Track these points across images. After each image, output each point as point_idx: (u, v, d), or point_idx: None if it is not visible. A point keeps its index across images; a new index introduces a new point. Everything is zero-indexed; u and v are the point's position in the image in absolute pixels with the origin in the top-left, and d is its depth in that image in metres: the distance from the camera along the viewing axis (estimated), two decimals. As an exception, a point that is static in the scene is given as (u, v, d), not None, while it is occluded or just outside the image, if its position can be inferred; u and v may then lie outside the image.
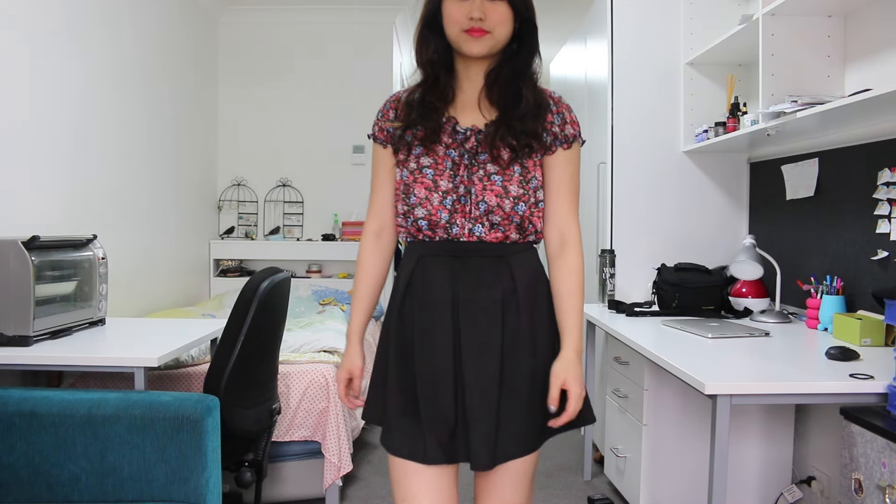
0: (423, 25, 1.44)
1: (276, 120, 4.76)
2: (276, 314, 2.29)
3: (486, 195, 1.39)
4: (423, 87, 1.45)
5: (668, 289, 2.82)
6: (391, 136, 1.48)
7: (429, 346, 1.40)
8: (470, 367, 1.38)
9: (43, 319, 2.12)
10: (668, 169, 3.14)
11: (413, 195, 1.42)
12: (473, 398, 1.37)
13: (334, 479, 2.64)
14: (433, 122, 1.43)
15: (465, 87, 1.46)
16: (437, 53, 1.43)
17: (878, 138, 2.22)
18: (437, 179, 1.41)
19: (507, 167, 1.40)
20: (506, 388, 1.39)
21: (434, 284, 1.42)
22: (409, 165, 1.43)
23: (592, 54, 3.48)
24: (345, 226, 4.71)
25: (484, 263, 1.42)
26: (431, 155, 1.43)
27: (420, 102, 1.44)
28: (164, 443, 1.78)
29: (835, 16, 2.36)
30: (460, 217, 1.40)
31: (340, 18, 4.75)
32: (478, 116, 1.44)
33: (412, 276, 1.45)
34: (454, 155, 1.42)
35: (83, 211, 2.92)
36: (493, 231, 1.40)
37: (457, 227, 1.40)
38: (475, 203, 1.40)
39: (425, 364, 1.40)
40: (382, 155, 1.51)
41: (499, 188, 1.39)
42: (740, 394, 1.71)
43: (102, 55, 3.07)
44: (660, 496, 2.45)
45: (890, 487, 1.48)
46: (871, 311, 2.20)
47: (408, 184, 1.43)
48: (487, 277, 1.41)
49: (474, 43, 1.38)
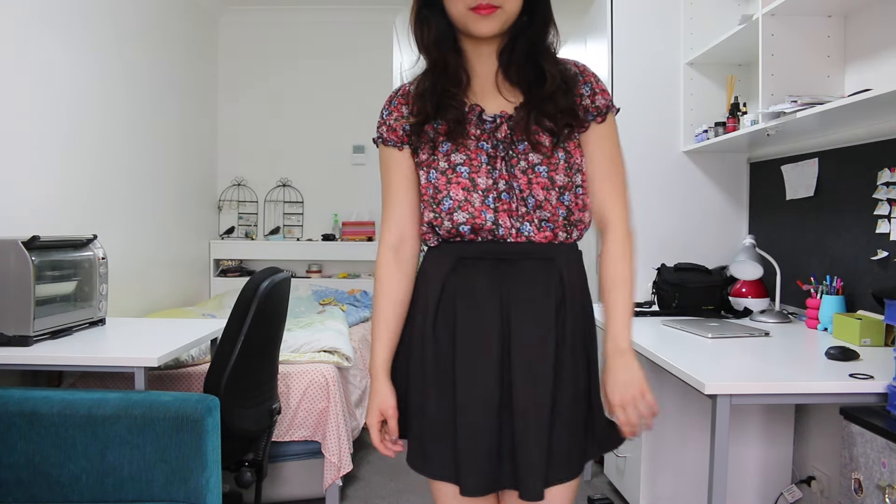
0: (422, 4, 1.30)
1: (276, 120, 4.77)
2: (276, 314, 2.29)
3: (532, 189, 1.22)
4: (433, 75, 1.27)
5: (668, 289, 2.82)
6: (407, 135, 1.29)
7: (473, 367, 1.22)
8: (520, 389, 1.21)
9: (43, 319, 2.12)
10: (668, 169, 3.14)
11: (449, 198, 1.23)
12: (527, 424, 1.20)
13: (334, 479, 2.64)
14: (456, 111, 1.24)
15: (479, 70, 1.29)
16: (439, 34, 1.27)
17: (878, 138, 2.22)
18: (473, 177, 1.23)
19: (552, 154, 1.23)
20: (557, 412, 1.23)
21: (478, 293, 1.23)
22: (438, 165, 1.25)
23: (592, 54, 3.48)
24: (345, 226, 4.72)
25: (535, 267, 1.24)
26: (462, 150, 1.24)
27: (434, 91, 1.25)
28: (164, 443, 1.78)
29: (835, 16, 2.36)
30: (505, 216, 1.23)
31: (340, 18, 4.75)
32: (502, 101, 1.27)
33: (445, 286, 1.25)
34: (487, 147, 1.24)
35: (83, 211, 2.91)
36: (542, 230, 1.24)
37: (502, 227, 1.23)
38: (521, 199, 1.23)
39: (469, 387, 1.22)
40: (397, 158, 1.30)
41: (545, 179, 1.22)
42: (740, 394, 1.71)
43: (102, 55, 3.07)
44: (660, 496, 2.45)
45: (890, 487, 1.48)
46: (871, 311, 2.20)
47: (438, 187, 1.25)
48: (539, 284, 1.24)
49: (483, 22, 1.21)
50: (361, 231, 4.71)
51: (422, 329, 1.27)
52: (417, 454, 1.28)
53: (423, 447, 1.27)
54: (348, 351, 2.99)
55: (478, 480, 1.21)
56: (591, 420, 1.28)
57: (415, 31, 1.32)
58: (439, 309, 1.26)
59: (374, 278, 1.34)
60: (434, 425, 1.25)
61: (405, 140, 1.29)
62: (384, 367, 1.30)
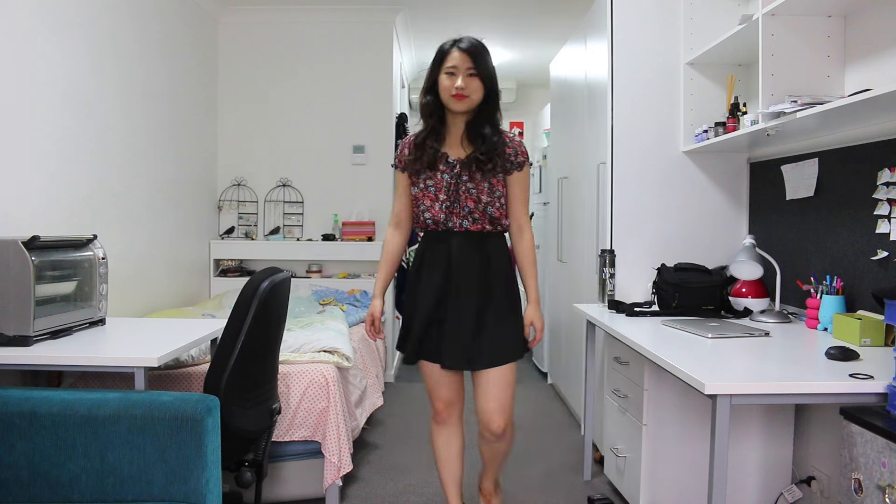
0: (426, 91, 2.20)
1: (276, 120, 4.77)
2: (276, 314, 2.29)
3: (467, 202, 2.18)
4: (426, 134, 2.21)
5: (668, 289, 2.82)
6: (407, 165, 2.25)
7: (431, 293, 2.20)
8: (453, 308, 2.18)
9: (43, 319, 2.12)
10: (668, 169, 3.14)
11: (423, 204, 2.22)
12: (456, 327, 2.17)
13: (334, 479, 2.64)
14: (432, 157, 2.20)
15: (453, 131, 2.23)
16: (434, 109, 2.19)
17: (878, 138, 2.22)
18: (437, 194, 2.20)
19: (479, 184, 2.18)
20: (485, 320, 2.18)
21: (438, 257, 2.22)
22: (419, 185, 2.22)
23: (592, 54, 3.48)
24: (345, 226, 4.71)
25: (469, 241, 2.20)
26: (433, 178, 2.21)
27: (423, 145, 2.21)
28: (164, 443, 1.78)
29: (835, 16, 2.36)
30: (454, 216, 2.19)
31: (340, 18, 4.75)
32: (460, 151, 2.21)
33: (425, 253, 2.26)
34: (447, 177, 2.19)
35: (83, 211, 2.92)
36: (474, 224, 2.19)
37: (451, 222, 2.19)
38: (461, 207, 2.18)
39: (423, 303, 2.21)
40: (401, 177, 2.30)
41: (474, 197, 2.18)
42: (740, 394, 1.71)
43: (102, 55, 3.07)
44: (660, 496, 2.45)
45: (890, 487, 1.48)
46: (871, 311, 2.20)
47: (418, 197, 2.23)
48: (471, 251, 2.20)
49: (458, 103, 2.14)
50: (361, 231, 4.71)
51: (411, 281, 2.30)
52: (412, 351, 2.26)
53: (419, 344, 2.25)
54: (348, 351, 2.99)
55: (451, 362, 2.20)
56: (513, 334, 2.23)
57: (421, 106, 2.24)
58: (419, 268, 2.27)
59: (384, 242, 2.37)
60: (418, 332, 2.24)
61: (405, 168, 2.27)
62: (381, 290, 2.33)
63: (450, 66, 2.13)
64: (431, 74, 2.18)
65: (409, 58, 6.03)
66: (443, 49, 2.17)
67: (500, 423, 2.21)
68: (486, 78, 2.15)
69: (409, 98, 6.81)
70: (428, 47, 5.80)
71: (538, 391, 4.61)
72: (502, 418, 2.21)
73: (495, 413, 2.20)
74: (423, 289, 2.22)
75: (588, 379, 3.03)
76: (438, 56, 2.17)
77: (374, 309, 2.29)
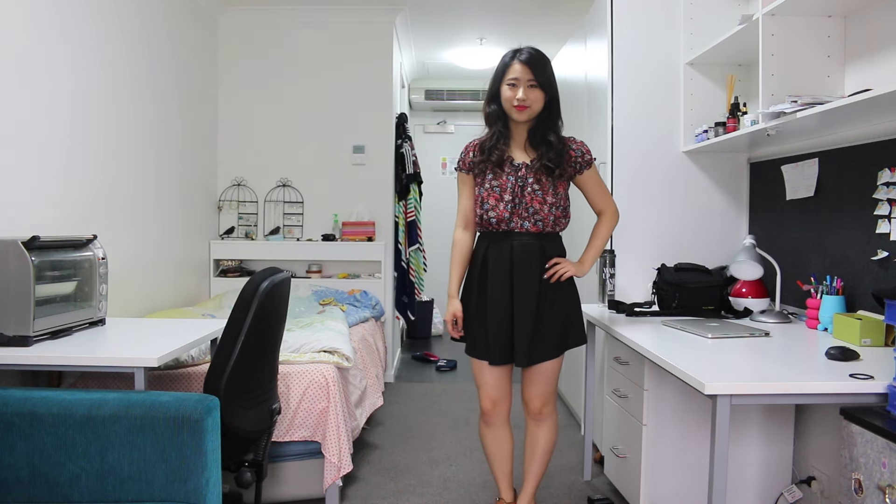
0: (489, 101, 2.35)
1: (276, 120, 4.76)
2: (276, 314, 2.29)
3: (532, 203, 2.29)
4: (492, 138, 2.34)
5: (668, 289, 2.82)
6: (472, 167, 2.37)
7: (495, 293, 2.31)
8: (518, 305, 2.28)
9: (43, 319, 2.12)
10: (668, 169, 3.14)
11: (487, 203, 2.32)
12: (520, 325, 2.28)
13: (334, 479, 2.64)
14: (500, 158, 2.32)
15: (516, 137, 2.36)
16: (498, 116, 2.33)
17: (878, 138, 2.22)
18: (502, 194, 2.30)
19: (545, 186, 2.29)
20: (539, 319, 2.30)
21: (500, 256, 2.31)
22: (484, 185, 2.34)
23: (592, 54, 3.48)
24: (345, 226, 4.71)
25: (530, 242, 2.30)
26: (498, 178, 2.32)
27: (492, 147, 2.33)
28: (164, 443, 1.78)
29: (835, 16, 2.36)
30: (516, 217, 2.30)
31: (340, 18, 4.75)
32: (525, 156, 2.35)
33: (487, 252, 2.35)
34: (512, 179, 2.31)
35: (83, 211, 2.91)
36: (534, 226, 2.30)
37: (513, 222, 2.30)
38: (526, 208, 2.29)
39: (493, 303, 2.31)
40: (466, 179, 2.41)
41: (540, 199, 2.29)
42: (740, 394, 1.71)
43: (102, 55, 3.07)
44: (660, 496, 2.45)
45: (890, 487, 1.48)
46: (871, 311, 2.20)
47: (483, 197, 2.33)
48: (532, 253, 2.30)
49: (519, 114, 2.28)
50: (361, 231, 4.70)
51: (470, 281, 2.40)
52: (471, 346, 2.39)
53: (473, 342, 2.38)
54: (348, 351, 2.99)
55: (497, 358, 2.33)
56: (566, 330, 2.36)
57: (485, 114, 2.38)
58: (481, 270, 2.36)
59: (453, 242, 2.44)
60: (478, 331, 2.36)
61: (471, 169, 2.39)
62: (456, 289, 2.41)
63: (511, 77, 2.26)
64: (494, 84, 2.32)
65: (409, 58, 6.03)
66: (504, 61, 2.30)
67: (538, 406, 2.43)
68: (547, 88, 2.27)
69: (410, 98, 6.81)
70: (428, 47, 5.80)
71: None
72: (540, 402, 2.43)
73: (536, 399, 2.42)
74: (492, 290, 2.30)
75: (588, 379, 3.03)
76: (500, 68, 2.31)
77: (456, 309, 2.38)
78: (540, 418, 2.44)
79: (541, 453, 2.47)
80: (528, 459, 2.49)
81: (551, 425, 2.46)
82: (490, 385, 2.40)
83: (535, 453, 2.47)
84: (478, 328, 2.36)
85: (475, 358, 2.39)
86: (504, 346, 2.31)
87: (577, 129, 3.75)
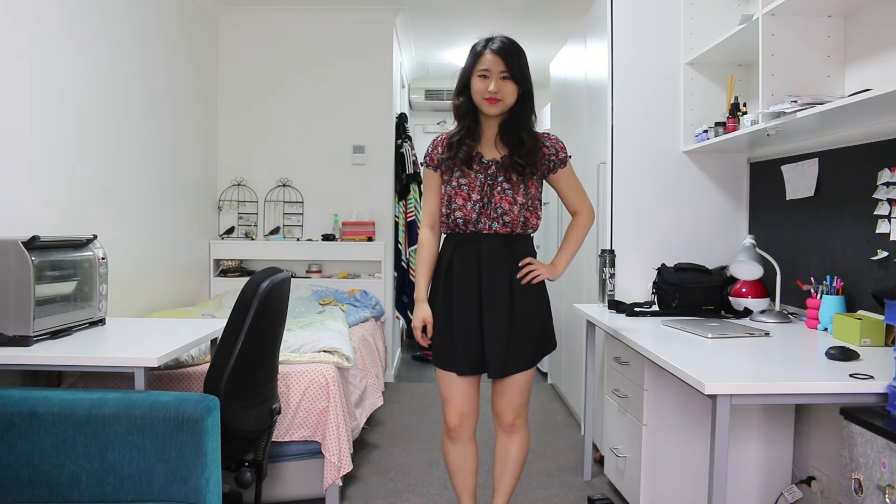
0: (458, 92, 2.15)
1: (276, 120, 4.76)
2: (276, 314, 2.29)
3: (502, 202, 2.13)
4: (461, 133, 2.15)
5: (668, 289, 2.82)
6: (440, 163, 2.19)
7: (462, 300, 2.14)
8: (488, 312, 2.13)
9: (43, 319, 2.12)
10: (668, 169, 3.14)
11: (454, 202, 2.15)
12: (491, 334, 2.13)
13: (334, 479, 2.64)
14: (468, 155, 2.14)
15: (486, 132, 2.18)
16: (468, 110, 2.14)
17: (878, 138, 2.22)
18: (470, 193, 2.14)
19: (516, 185, 2.13)
20: (512, 327, 2.14)
21: (467, 260, 2.15)
22: (451, 183, 2.17)
23: (592, 54, 3.48)
24: (345, 226, 4.71)
25: (498, 244, 2.14)
26: (466, 176, 2.15)
27: (459, 143, 2.15)
28: (164, 443, 1.78)
29: (835, 16, 2.36)
30: (484, 217, 2.14)
31: (340, 18, 4.75)
32: (495, 152, 2.17)
33: (453, 256, 2.18)
34: (481, 177, 2.15)
35: (83, 211, 2.91)
36: (503, 227, 2.14)
37: (481, 223, 2.14)
38: (494, 208, 2.13)
39: (461, 309, 2.14)
40: (432, 176, 2.23)
41: (510, 198, 2.13)
42: (740, 394, 1.71)
43: (102, 55, 3.07)
44: (660, 496, 2.45)
45: (890, 487, 1.48)
46: (871, 311, 2.20)
47: (451, 196, 2.16)
48: (500, 255, 2.14)
49: (491, 107, 2.10)
50: (361, 231, 4.70)
51: (435, 287, 2.22)
52: (436, 357, 2.21)
53: (438, 353, 2.21)
54: (348, 351, 2.99)
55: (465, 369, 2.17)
56: (541, 338, 2.20)
57: (454, 107, 2.19)
58: (447, 275, 2.19)
59: (418, 243, 2.28)
60: (444, 341, 2.19)
61: (438, 166, 2.21)
62: (424, 294, 2.22)
63: (482, 68, 2.08)
64: (464, 75, 2.13)
65: (409, 58, 6.03)
66: (475, 50, 2.11)
67: (510, 418, 2.27)
68: (521, 80, 2.09)
69: (410, 98, 6.81)
70: (428, 47, 5.80)
71: (538, 391, 4.61)
72: (512, 414, 2.27)
73: (509, 411, 2.27)
74: (459, 296, 2.14)
75: (588, 379, 3.03)
76: (471, 57, 2.11)
77: (425, 314, 2.19)
78: (512, 430, 2.29)
79: (512, 467, 2.32)
80: (499, 474, 2.34)
81: (523, 437, 2.31)
82: (457, 398, 2.20)
83: (506, 467, 2.32)
84: (443, 338, 2.18)
85: (442, 369, 2.20)
86: (473, 357, 2.14)
87: (577, 130, 3.75)
